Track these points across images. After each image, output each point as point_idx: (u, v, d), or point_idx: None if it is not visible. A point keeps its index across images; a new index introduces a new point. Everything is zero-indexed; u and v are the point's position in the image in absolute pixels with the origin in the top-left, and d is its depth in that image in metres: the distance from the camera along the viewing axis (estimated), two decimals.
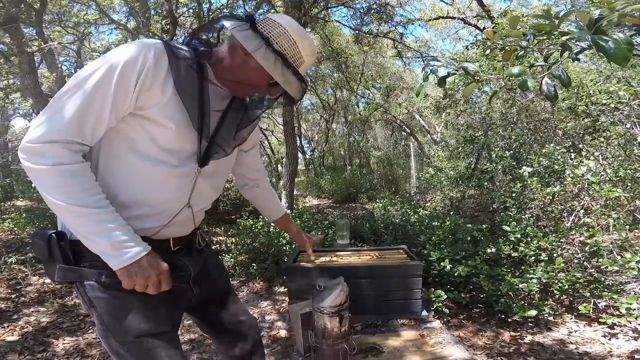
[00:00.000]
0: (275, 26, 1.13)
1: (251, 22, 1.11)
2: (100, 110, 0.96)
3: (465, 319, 2.88)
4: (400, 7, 8.96)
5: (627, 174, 3.90)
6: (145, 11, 7.59)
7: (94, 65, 0.96)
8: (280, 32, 1.12)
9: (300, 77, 1.18)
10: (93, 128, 0.97)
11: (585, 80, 4.14)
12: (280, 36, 1.12)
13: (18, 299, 3.48)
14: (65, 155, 0.94)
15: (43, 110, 0.96)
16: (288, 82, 1.14)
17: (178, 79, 1.04)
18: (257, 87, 1.19)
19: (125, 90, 0.97)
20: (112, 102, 0.96)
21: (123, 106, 0.98)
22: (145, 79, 0.99)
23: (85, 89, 0.94)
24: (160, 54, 1.02)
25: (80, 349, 2.61)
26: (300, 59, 1.16)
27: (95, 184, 0.99)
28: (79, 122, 0.94)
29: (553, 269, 2.63)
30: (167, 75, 1.02)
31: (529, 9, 9.55)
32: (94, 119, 0.96)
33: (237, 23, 1.10)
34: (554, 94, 1.26)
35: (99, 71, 0.95)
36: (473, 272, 2.83)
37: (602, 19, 0.99)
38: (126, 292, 1.04)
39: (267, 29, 1.12)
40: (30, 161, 0.93)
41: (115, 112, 0.98)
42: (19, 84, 7.91)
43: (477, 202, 4.73)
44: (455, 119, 7.89)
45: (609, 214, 3.19)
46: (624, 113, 3.96)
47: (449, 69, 1.63)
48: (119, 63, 0.95)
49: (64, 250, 1.04)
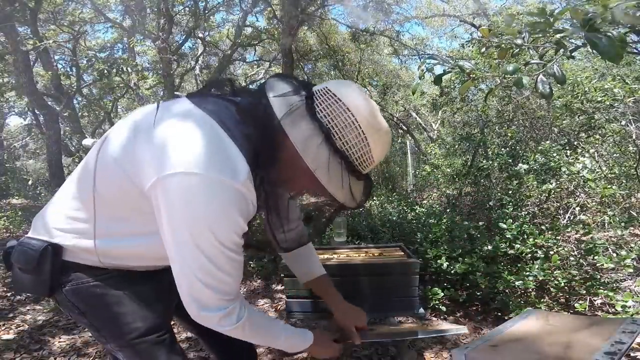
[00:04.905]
0: (340, 111, 0.82)
1: (308, 101, 0.83)
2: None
3: (462, 317, 2.89)
4: (397, 4, 8.96)
5: (622, 171, 3.92)
6: (141, 10, 7.56)
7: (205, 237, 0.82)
8: (346, 122, 0.82)
9: (366, 178, 0.92)
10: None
11: (581, 78, 4.15)
12: (346, 128, 0.82)
13: (14, 298, 3.46)
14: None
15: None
16: (349, 196, 0.87)
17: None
18: (307, 191, 1.00)
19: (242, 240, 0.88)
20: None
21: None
22: (248, 218, 0.87)
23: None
24: (250, 183, 0.83)
25: (77, 347, 2.60)
26: (369, 160, 0.87)
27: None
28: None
29: (549, 267, 2.64)
30: (254, 201, 0.88)
31: (524, 6, 9.56)
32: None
33: (290, 105, 0.81)
34: (549, 91, 1.26)
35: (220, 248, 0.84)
36: (470, 270, 2.84)
37: (595, 17, 1.00)
38: (115, 293, 1.00)
39: (328, 114, 0.82)
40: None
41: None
42: (14, 82, 7.87)
43: (474, 199, 4.74)
44: (451, 117, 7.90)
45: (605, 211, 3.21)
46: (619, 110, 3.98)
47: (445, 67, 1.64)
48: (226, 229, 0.83)
49: (56, 263, 0.96)
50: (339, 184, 0.83)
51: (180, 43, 10.11)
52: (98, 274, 0.99)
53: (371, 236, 4.18)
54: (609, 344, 1.12)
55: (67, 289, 0.98)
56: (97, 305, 1.00)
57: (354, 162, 0.85)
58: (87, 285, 0.98)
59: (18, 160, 15.39)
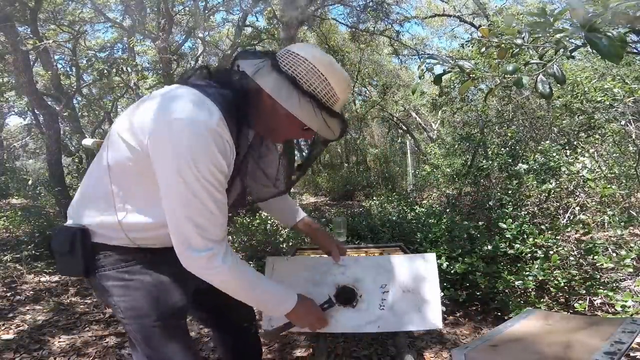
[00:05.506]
0: (300, 61, 1.01)
1: (272, 59, 1.02)
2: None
3: (461, 317, 2.89)
4: (397, 4, 8.95)
5: (622, 171, 3.93)
6: (141, 9, 7.56)
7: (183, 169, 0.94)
8: (307, 68, 1.01)
9: (337, 114, 1.07)
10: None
11: (580, 78, 4.14)
12: (308, 73, 1.01)
13: (13, 297, 3.46)
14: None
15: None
16: (325, 126, 1.04)
17: (237, 141, 1.03)
18: (291, 134, 1.14)
19: (225, 180, 1.01)
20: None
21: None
22: (228, 160, 1.01)
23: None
24: (223, 125, 0.97)
25: (77, 347, 2.60)
26: (334, 96, 1.05)
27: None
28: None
29: (549, 266, 2.64)
30: (230, 141, 1.00)
31: (524, 6, 9.56)
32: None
33: (258, 65, 1.01)
34: (548, 91, 1.26)
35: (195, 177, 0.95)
36: (469, 270, 2.84)
37: (596, 17, 1.00)
38: (140, 279, 1.11)
39: (291, 66, 1.01)
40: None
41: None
42: (14, 82, 7.86)
43: (473, 199, 4.73)
44: (451, 117, 7.90)
45: (605, 211, 3.21)
46: (618, 110, 3.98)
47: (444, 67, 1.64)
48: (205, 162, 0.95)
49: (86, 245, 1.08)
50: (313, 115, 1.00)
51: (180, 43, 10.10)
52: (127, 260, 1.10)
53: (371, 236, 4.18)
54: (608, 343, 1.12)
55: (100, 274, 1.10)
56: (123, 289, 1.11)
57: (322, 99, 1.02)
58: (116, 271, 1.10)
59: (18, 160, 15.39)
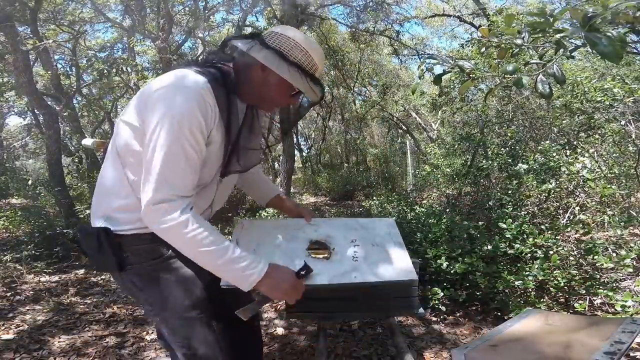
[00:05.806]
0: (285, 39, 1.21)
1: (260, 40, 1.21)
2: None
3: (461, 317, 2.90)
4: (397, 4, 8.95)
5: (621, 171, 3.92)
6: (141, 9, 7.56)
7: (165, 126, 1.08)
8: (291, 45, 1.21)
9: (318, 81, 1.28)
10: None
11: (580, 78, 4.14)
12: (292, 48, 1.20)
13: (13, 297, 3.46)
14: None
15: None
16: (310, 89, 1.25)
17: (224, 109, 1.17)
18: (281, 100, 1.30)
19: (202, 140, 1.13)
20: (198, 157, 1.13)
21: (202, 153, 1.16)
22: (209, 122, 1.14)
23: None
24: (208, 91, 1.12)
25: (77, 347, 2.61)
26: (314, 65, 1.25)
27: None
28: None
29: (549, 266, 2.64)
30: (214, 106, 1.15)
31: (524, 6, 9.56)
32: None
33: (250, 43, 1.20)
34: (548, 91, 1.26)
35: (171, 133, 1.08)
36: (469, 270, 2.84)
37: (595, 17, 1.00)
38: (166, 275, 1.21)
39: (278, 43, 1.20)
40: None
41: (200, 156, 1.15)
42: (14, 82, 7.85)
43: (473, 199, 4.73)
44: (451, 117, 7.89)
45: (604, 211, 3.21)
46: (618, 110, 3.97)
47: (444, 67, 1.64)
48: (186, 118, 1.08)
49: (112, 243, 1.18)
50: (300, 80, 1.20)
51: (180, 43, 10.10)
52: (154, 257, 1.21)
53: None
54: (608, 343, 1.12)
55: (129, 270, 1.21)
56: (151, 284, 1.22)
57: (305, 68, 1.21)
58: (145, 267, 1.21)
59: (18, 160, 15.36)
